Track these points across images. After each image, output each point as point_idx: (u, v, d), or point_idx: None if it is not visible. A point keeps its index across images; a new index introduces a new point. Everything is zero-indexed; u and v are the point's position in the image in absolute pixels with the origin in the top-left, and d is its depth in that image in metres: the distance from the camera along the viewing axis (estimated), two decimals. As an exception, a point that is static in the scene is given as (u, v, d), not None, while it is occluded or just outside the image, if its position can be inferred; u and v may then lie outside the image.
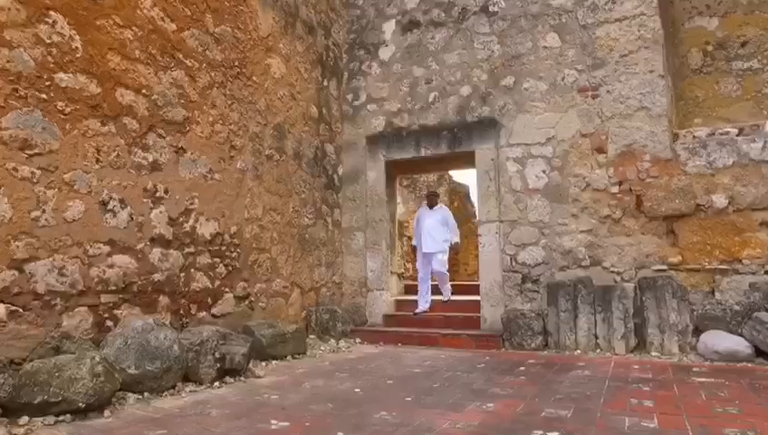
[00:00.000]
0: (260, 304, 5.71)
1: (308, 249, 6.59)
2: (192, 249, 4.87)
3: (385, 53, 7.28)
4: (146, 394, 3.50)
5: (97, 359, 3.06)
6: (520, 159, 6.30)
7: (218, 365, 3.91)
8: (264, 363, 4.87)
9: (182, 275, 4.74)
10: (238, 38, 5.58)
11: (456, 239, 7.08)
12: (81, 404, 2.91)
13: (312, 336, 6.25)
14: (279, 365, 4.87)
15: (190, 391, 3.73)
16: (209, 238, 5.07)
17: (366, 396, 3.64)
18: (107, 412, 3.07)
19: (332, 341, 6.09)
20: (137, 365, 3.45)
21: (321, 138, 6.99)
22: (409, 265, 9.68)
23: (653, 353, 5.09)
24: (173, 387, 3.70)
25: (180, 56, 4.85)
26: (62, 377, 2.96)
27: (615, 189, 5.81)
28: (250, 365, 4.56)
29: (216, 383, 3.93)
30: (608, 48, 5.94)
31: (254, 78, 5.80)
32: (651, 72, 5.73)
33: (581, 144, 6.01)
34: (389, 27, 7.28)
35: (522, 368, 4.64)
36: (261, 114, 5.87)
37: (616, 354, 5.23)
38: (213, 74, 5.21)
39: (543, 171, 6.17)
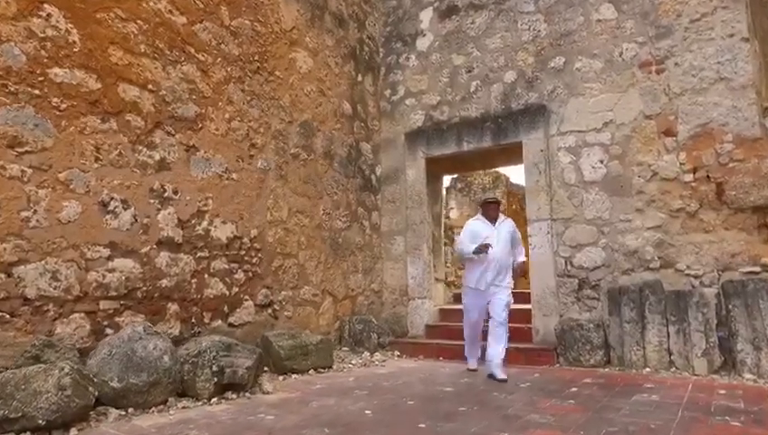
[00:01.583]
0: (285, 312, 5.33)
1: (341, 255, 6.16)
2: (206, 253, 4.57)
3: (423, 44, 6.77)
4: (130, 410, 3.17)
5: (66, 370, 2.76)
6: (573, 148, 5.53)
7: (216, 379, 3.53)
8: (281, 378, 4.46)
9: (193, 281, 4.45)
10: (258, 31, 5.30)
11: (523, 258, 4.87)
12: (40, 421, 2.60)
13: (344, 348, 5.78)
14: (297, 380, 4.44)
15: (182, 408, 3.37)
16: (226, 242, 4.76)
17: (374, 420, 3.10)
18: (73, 431, 2.75)
19: (366, 353, 5.59)
20: (120, 378, 3.13)
21: (355, 136, 6.57)
22: (462, 273, 8.98)
23: (746, 376, 4.15)
24: (164, 403, 3.35)
25: (192, 50, 4.61)
26: (28, 390, 2.68)
27: (688, 178, 4.90)
28: (263, 379, 4.16)
29: (215, 399, 3.54)
30: (674, 13, 5.08)
31: (277, 73, 5.49)
32: (731, 35, 4.80)
33: (645, 127, 5.16)
34: (427, 15, 6.78)
35: (573, 389, 3.90)
36: (285, 111, 5.55)
37: (696, 375, 4.32)
38: (229, 69, 4.95)
39: (601, 161, 5.37)
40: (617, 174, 5.27)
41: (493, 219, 4.74)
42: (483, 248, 4.53)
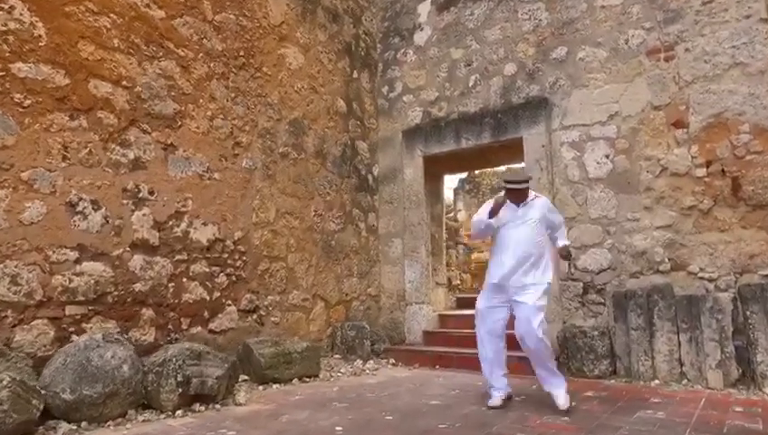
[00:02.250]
0: (272, 318, 5.10)
1: (335, 258, 5.91)
2: (184, 256, 4.38)
3: (420, 38, 6.51)
4: (83, 424, 2.96)
5: (5, 382, 2.57)
6: (577, 143, 5.19)
7: (181, 390, 3.30)
8: (261, 388, 4.22)
9: (171, 285, 4.25)
10: (244, 26, 5.11)
11: (565, 241, 3.75)
12: (-30, 438, 2.41)
13: (336, 356, 5.53)
14: (278, 391, 4.19)
15: (142, 421, 3.15)
16: (206, 244, 4.56)
17: (341, 437, 2.83)
18: (11, 447, 2.55)
19: (358, 362, 5.32)
20: (72, 389, 2.93)
21: (350, 134, 6.33)
22: (466, 277, 8.66)
23: (767, 391, 3.75)
24: (123, 416, 3.14)
25: (170, 45, 4.43)
26: (-37, 403, 2.49)
27: (701, 172, 4.53)
28: (239, 390, 3.94)
29: (180, 412, 3.32)
30: (684, -4, 4.72)
31: (265, 69, 5.29)
32: (748, 16, 4.43)
33: (654, 119, 4.79)
34: (425, 8, 6.51)
35: (572, 404, 3.56)
36: (273, 108, 5.34)
37: (710, 388, 3.94)
38: (212, 65, 4.76)
39: (606, 156, 5.02)
40: (623, 170, 4.91)
41: (518, 201, 3.62)
42: (493, 211, 3.56)
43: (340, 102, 6.23)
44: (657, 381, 4.17)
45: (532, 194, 3.72)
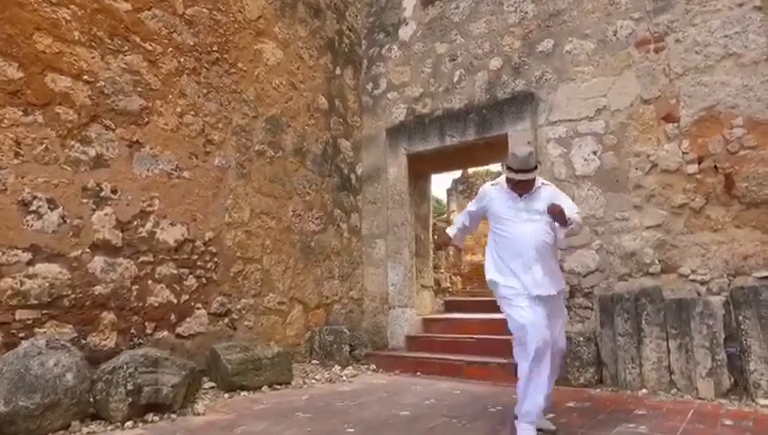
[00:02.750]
0: (245, 322, 4.91)
1: (314, 259, 5.71)
2: (150, 258, 4.20)
3: (405, 33, 6.31)
4: (19, 436, 2.78)
5: (-74, 391, 2.38)
6: (564, 139, 4.97)
7: (131, 399, 3.12)
8: (227, 395, 4.03)
9: (134, 287, 4.07)
10: (217, 20, 4.93)
11: (577, 218, 3.03)
12: None
13: (314, 361, 5.33)
14: (244, 399, 4.00)
15: (87, 434, 2.96)
16: (174, 245, 4.38)
17: (292, 451, 2.63)
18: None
19: (336, 367, 5.11)
20: (7, 400, 2.74)
21: (332, 132, 6.14)
22: (457, 279, 8.42)
23: (760, 401, 3.50)
24: (66, 428, 2.95)
25: (137, 39, 4.26)
26: None
27: (693, 169, 4.29)
28: (203, 398, 3.75)
29: (130, 423, 3.13)
30: (674, -16, 4.49)
31: (240, 65, 5.11)
32: (741, 5, 4.19)
33: (643, 113, 4.57)
34: (410, 2, 6.32)
35: (550, 415, 3.34)
36: (249, 105, 5.16)
37: (700, 399, 3.70)
38: (182, 60, 4.59)
39: (594, 153, 4.79)
40: (612, 167, 4.69)
41: (521, 192, 3.01)
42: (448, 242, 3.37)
43: (322, 99, 6.04)
44: (644, 391, 3.93)
45: (538, 181, 3.06)
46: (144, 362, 3.30)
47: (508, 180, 3.03)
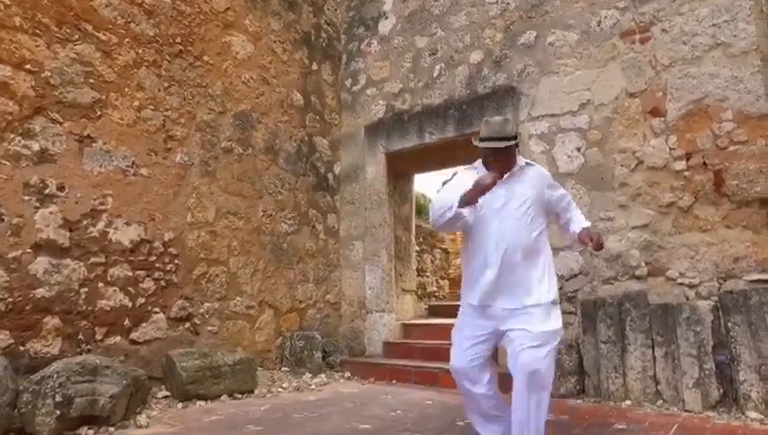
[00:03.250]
0: (209, 327, 4.64)
1: (287, 262, 5.45)
2: (101, 259, 3.94)
3: (385, 27, 6.08)
4: (-74, 454, 2.52)
5: None
6: (546, 135, 4.72)
7: (60, 412, 2.85)
8: (180, 405, 3.76)
9: (83, 290, 3.81)
10: (181, 11, 4.70)
11: (584, 223, 2.69)
12: None
13: (284, 368, 5.05)
14: (198, 409, 3.72)
15: (7, 450, 2.70)
16: (129, 246, 4.12)
17: (224, 473, 2.36)
18: None
19: (307, 375, 4.84)
20: None
21: (307, 130, 5.89)
22: (444, 283, 8.14)
23: (750, 414, 3.22)
24: (-16, 443, 2.69)
25: (89, 28, 4.02)
26: None
27: (680, 166, 4.03)
28: (151, 409, 3.48)
29: (59, 438, 2.87)
30: (660, -30, 4.25)
31: (206, 58, 4.87)
32: (728, -8, 3.95)
33: (629, 107, 4.31)
34: (390, -5, 6.09)
35: (521, 428, 3.06)
36: (215, 100, 4.91)
37: (687, 411, 3.43)
38: (140, 51, 4.34)
39: (578, 149, 4.54)
40: (596, 164, 4.43)
41: (502, 169, 2.44)
42: (470, 198, 2.29)
43: (297, 95, 5.79)
44: (628, 402, 3.66)
45: (520, 160, 2.54)
46: (80, 371, 3.04)
47: (485, 162, 2.53)
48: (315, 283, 5.74)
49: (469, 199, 2.30)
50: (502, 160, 2.46)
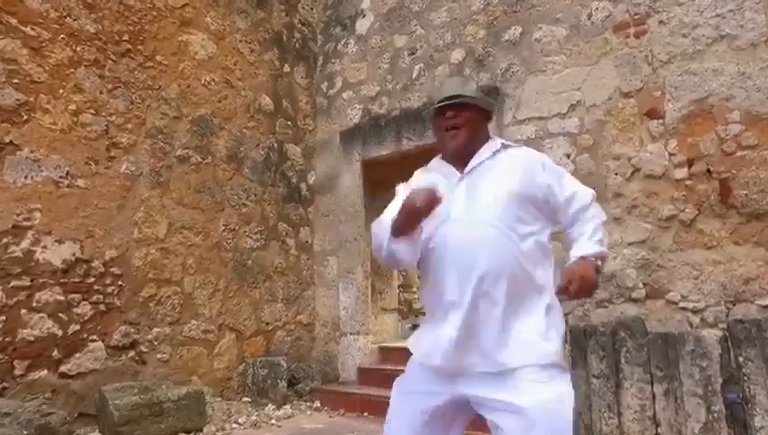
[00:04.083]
0: (158, 355, 4.17)
1: (252, 280, 4.98)
2: (25, 282, 3.49)
3: (363, 26, 5.65)
4: None
5: None
6: (533, 140, 4.26)
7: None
8: (110, 450, 3.29)
9: (1, 318, 3.36)
10: (129, 6, 4.28)
11: (593, 247, 1.64)
12: None
13: (246, 399, 4.57)
14: (131, 455, 3.25)
15: None
16: (62, 267, 3.67)
17: None
18: None
19: (270, 407, 4.37)
20: None
21: (278, 136, 5.45)
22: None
23: (767, 463, 2.73)
24: None
25: (13, 22, 3.60)
26: None
27: (681, 174, 3.56)
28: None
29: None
30: (657, -44, 3.81)
31: (159, 58, 4.44)
32: (734, -22, 3.50)
33: (623, 108, 3.85)
34: (367, -8, 5.67)
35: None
36: (169, 104, 4.48)
37: (692, 459, 2.93)
38: (79, 49, 3.92)
39: (567, 155, 4.08)
40: (588, 172, 3.96)
41: (464, 155, 1.72)
42: (402, 226, 1.56)
43: (266, 99, 5.36)
44: (624, 447, 3.16)
45: (495, 141, 1.78)
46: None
47: (440, 145, 1.78)
48: (285, 302, 5.26)
49: (402, 228, 1.55)
50: (458, 132, 1.68)
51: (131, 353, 4.00)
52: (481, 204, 1.62)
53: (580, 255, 1.64)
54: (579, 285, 1.54)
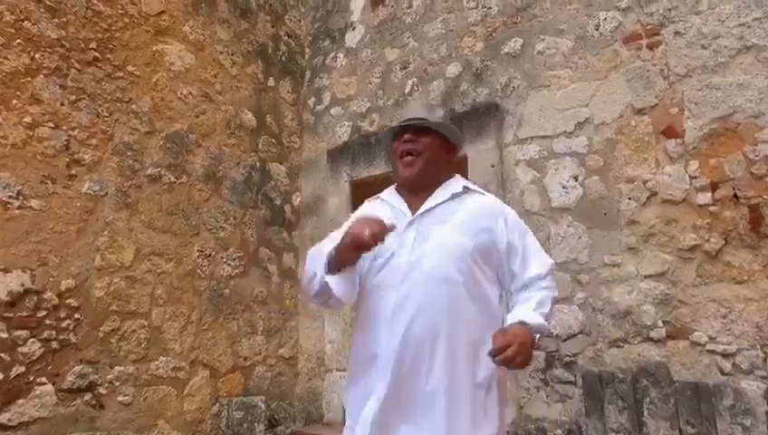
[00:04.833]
0: (119, 397, 3.71)
1: (229, 311, 4.54)
2: (-38, 318, 3.05)
3: (352, 38, 5.33)
4: None
5: None
6: (536, 160, 3.90)
7: None
8: None
9: (-70, 361, 2.91)
10: (98, 12, 3.92)
11: (530, 315, 1.45)
12: None
13: (219, 446, 4.10)
14: None
15: None
16: (7, 299, 3.23)
17: None
18: None
19: (245, 456, 3.90)
20: None
21: (260, 154, 5.06)
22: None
23: None
24: None
25: (-39, 24, 3.24)
26: None
27: (705, 199, 3.20)
28: None
29: None
30: (671, -38, 3.51)
31: (131, 68, 4.08)
32: (758, -16, 3.20)
33: (636, 126, 3.51)
34: (358, 4, 5.36)
35: None
36: (141, 118, 4.10)
37: None
38: (38, 56, 3.55)
39: (575, 178, 3.71)
40: (598, 196, 3.60)
41: (414, 192, 1.66)
42: (340, 260, 1.46)
43: (248, 115, 4.99)
44: None
45: (457, 181, 1.67)
46: None
47: (394, 174, 1.64)
48: (266, 335, 4.81)
49: (340, 262, 1.42)
50: (414, 160, 1.56)
51: (87, 397, 3.53)
52: (428, 259, 1.49)
53: (522, 320, 1.44)
54: (517, 351, 1.31)
